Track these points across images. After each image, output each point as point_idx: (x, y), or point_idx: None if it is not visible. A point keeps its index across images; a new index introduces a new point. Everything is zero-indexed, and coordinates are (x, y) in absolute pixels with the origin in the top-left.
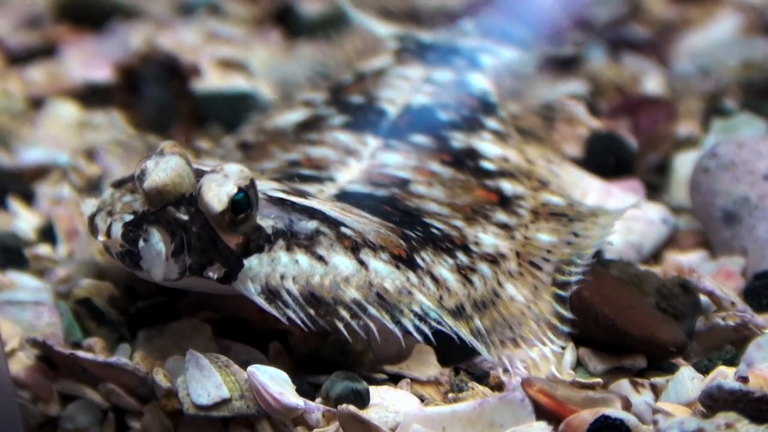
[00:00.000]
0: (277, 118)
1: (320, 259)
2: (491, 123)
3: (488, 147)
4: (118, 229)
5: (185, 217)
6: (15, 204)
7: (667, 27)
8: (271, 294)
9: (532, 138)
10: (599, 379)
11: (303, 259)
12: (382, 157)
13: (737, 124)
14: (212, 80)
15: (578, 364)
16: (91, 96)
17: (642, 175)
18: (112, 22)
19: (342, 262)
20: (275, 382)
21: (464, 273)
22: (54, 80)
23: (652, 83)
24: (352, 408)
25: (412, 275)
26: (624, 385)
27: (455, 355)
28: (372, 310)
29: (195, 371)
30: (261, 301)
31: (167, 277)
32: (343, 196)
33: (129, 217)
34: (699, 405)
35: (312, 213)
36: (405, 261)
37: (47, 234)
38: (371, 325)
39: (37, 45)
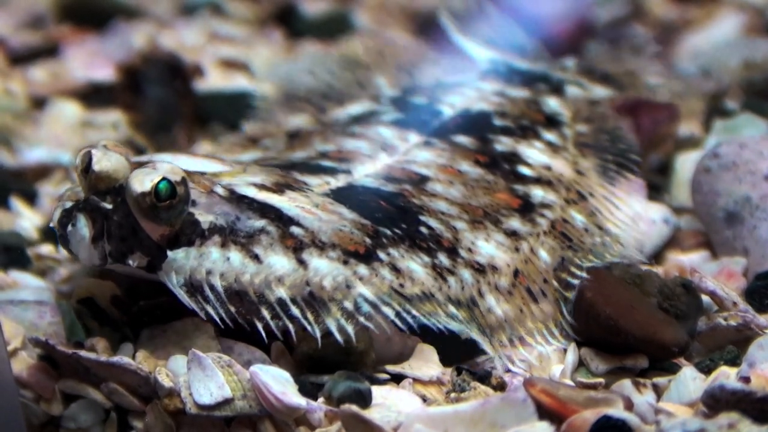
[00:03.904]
0: (340, 111)
1: (255, 257)
2: (548, 135)
3: (534, 153)
4: (57, 215)
5: (109, 206)
6: (17, 203)
7: (668, 27)
8: (193, 287)
9: (591, 152)
10: (601, 380)
11: (236, 256)
12: (414, 154)
13: (738, 125)
14: (214, 80)
15: (580, 364)
16: (93, 96)
17: (643, 175)
18: (115, 22)
19: (278, 261)
20: (278, 382)
21: (439, 271)
22: (56, 80)
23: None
24: (354, 408)
25: (362, 268)
26: (626, 385)
27: (457, 355)
28: (294, 311)
29: (197, 371)
30: (181, 293)
31: (92, 262)
32: (345, 189)
33: (69, 204)
34: (701, 405)
35: (266, 212)
36: (360, 256)
37: (50, 233)
38: (290, 326)
39: (39, 45)
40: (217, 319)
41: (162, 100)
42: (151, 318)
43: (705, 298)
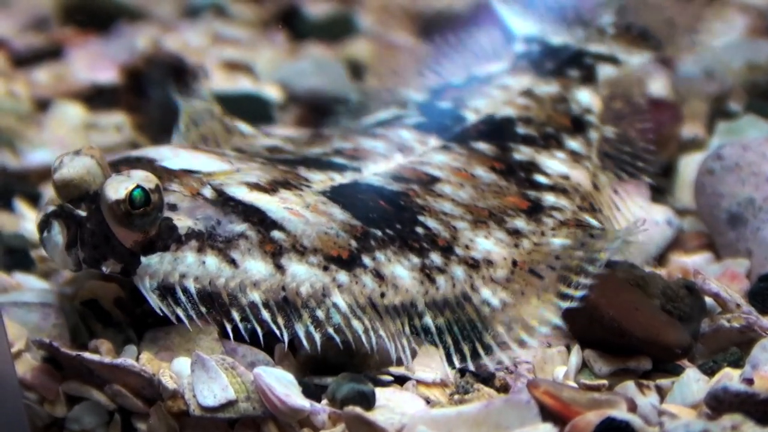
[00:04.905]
0: (368, 119)
1: (231, 262)
2: (572, 143)
3: (554, 164)
4: (38, 219)
5: (82, 214)
6: (21, 205)
7: None
8: (166, 290)
9: (611, 168)
10: (604, 381)
11: (212, 260)
12: (430, 156)
13: (742, 126)
14: (218, 82)
15: (583, 366)
16: (96, 98)
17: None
18: (118, 24)
19: (255, 266)
20: (281, 384)
21: (428, 272)
22: (60, 82)
23: (657, 85)
24: (358, 410)
25: (342, 275)
26: (629, 386)
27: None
28: (264, 314)
29: (201, 373)
30: (153, 297)
31: (67, 268)
32: (347, 187)
33: (51, 209)
34: (704, 407)
35: (249, 215)
36: (342, 261)
37: None
38: (258, 329)
39: (43, 47)
40: (186, 322)
41: (165, 102)
42: (155, 320)
43: (708, 299)
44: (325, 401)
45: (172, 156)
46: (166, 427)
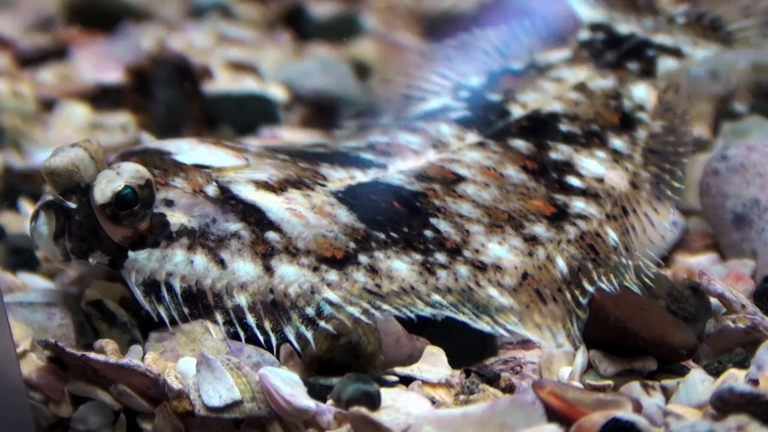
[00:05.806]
0: (419, 107)
1: (220, 262)
2: (617, 141)
3: (591, 164)
4: (33, 211)
5: (72, 206)
6: (26, 205)
7: None
8: (150, 287)
9: (656, 158)
10: (610, 382)
11: (200, 260)
12: (463, 153)
13: (747, 127)
14: (223, 82)
15: (589, 367)
16: (102, 98)
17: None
18: (123, 24)
19: (243, 267)
20: (287, 384)
21: (429, 267)
22: (65, 82)
23: (660, 86)
24: (363, 410)
25: (332, 274)
26: (635, 387)
27: (466, 356)
28: (249, 319)
29: (206, 373)
30: (137, 292)
31: (54, 258)
32: (364, 186)
33: (47, 198)
34: (710, 407)
35: (247, 214)
36: (334, 261)
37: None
38: (241, 333)
39: (48, 47)
40: (167, 321)
41: (171, 102)
42: (161, 320)
43: (713, 300)
44: (330, 401)
45: (189, 150)
46: (172, 427)
